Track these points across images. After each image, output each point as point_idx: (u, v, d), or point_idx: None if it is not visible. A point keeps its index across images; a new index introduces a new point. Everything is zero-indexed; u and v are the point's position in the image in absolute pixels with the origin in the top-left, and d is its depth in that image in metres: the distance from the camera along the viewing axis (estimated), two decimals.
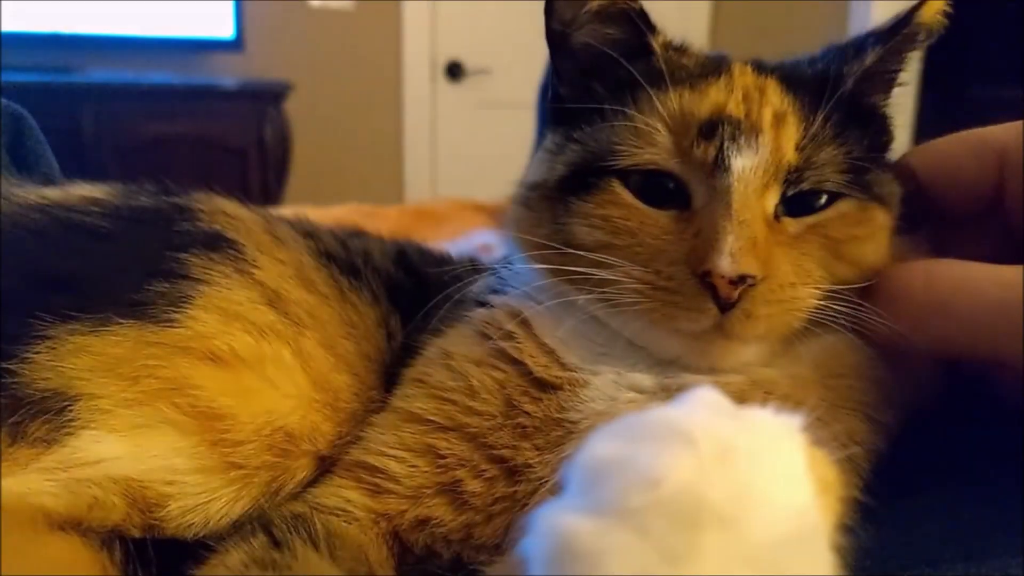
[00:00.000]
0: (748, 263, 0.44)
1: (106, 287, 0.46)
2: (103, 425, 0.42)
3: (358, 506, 0.46)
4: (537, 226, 0.52)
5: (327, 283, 0.55)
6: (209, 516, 0.44)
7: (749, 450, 0.27)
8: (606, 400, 0.47)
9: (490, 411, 0.48)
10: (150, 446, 0.43)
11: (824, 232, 0.48)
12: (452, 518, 0.46)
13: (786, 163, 0.47)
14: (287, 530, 0.43)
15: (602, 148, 0.50)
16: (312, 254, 0.57)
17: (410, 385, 0.51)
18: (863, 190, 0.49)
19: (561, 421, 0.47)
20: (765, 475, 0.27)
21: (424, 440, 0.48)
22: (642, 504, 0.25)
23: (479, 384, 0.49)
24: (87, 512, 0.40)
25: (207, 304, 0.47)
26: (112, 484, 0.41)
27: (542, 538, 0.26)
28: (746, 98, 0.49)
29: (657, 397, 0.47)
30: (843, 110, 0.50)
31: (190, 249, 0.49)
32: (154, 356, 0.44)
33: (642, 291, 0.46)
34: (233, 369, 0.46)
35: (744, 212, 0.45)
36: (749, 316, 0.45)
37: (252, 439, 0.45)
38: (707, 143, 0.47)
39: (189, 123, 2.88)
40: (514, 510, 0.46)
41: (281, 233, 0.57)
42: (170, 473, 0.43)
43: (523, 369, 0.49)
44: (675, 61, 0.52)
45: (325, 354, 0.51)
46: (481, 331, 0.52)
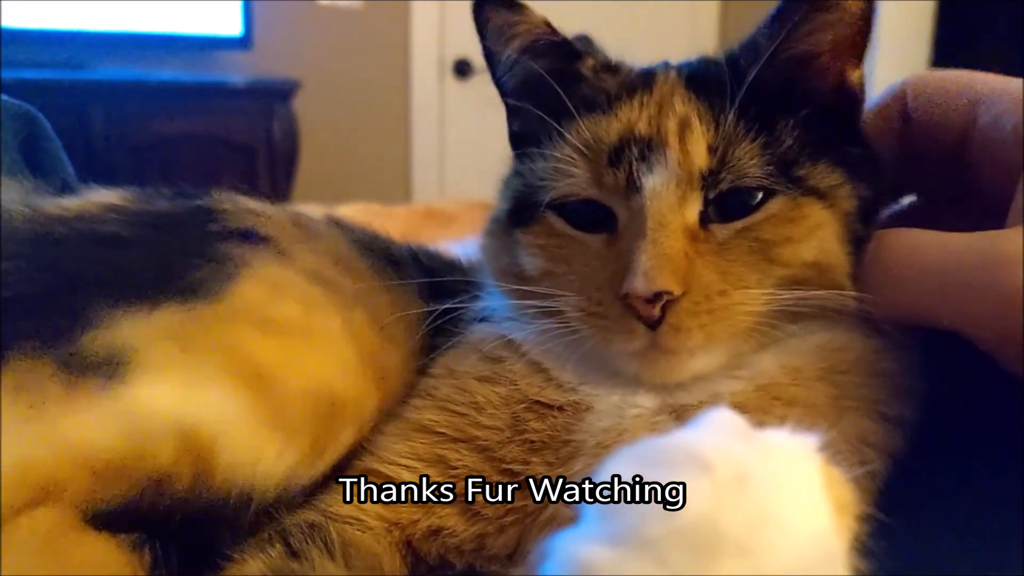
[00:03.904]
0: (663, 280, 0.44)
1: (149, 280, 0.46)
2: (156, 375, 0.43)
3: (371, 515, 0.47)
4: (498, 258, 0.54)
5: (370, 270, 0.56)
6: (255, 470, 0.44)
7: (766, 476, 0.27)
8: (612, 417, 0.47)
9: (497, 425, 0.48)
10: (202, 394, 0.43)
11: (754, 235, 0.47)
12: (464, 528, 0.46)
13: (698, 169, 0.47)
14: (304, 539, 0.44)
15: (535, 182, 0.52)
16: (350, 244, 0.58)
17: (419, 397, 0.51)
18: (794, 184, 0.47)
19: (568, 441, 0.47)
20: (782, 501, 0.27)
21: (434, 451, 0.48)
22: (660, 534, 0.25)
23: (484, 400, 0.49)
24: (140, 458, 0.41)
25: (254, 277, 0.49)
26: (165, 428, 0.41)
27: (560, 567, 0.26)
28: (659, 111, 0.49)
29: (662, 412, 0.47)
30: (764, 101, 0.48)
31: (228, 241, 0.50)
32: (204, 323, 0.45)
33: (581, 318, 0.47)
34: (282, 335, 0.47)
35: (658, 230, 0.45)
36: (678, 329, 0.45)
37: (299, 398, 0.46)
38: (616, 169, 0.48)
39: (197, 120, 2.88)
40: (526, 521, 0.46)
41: (312, 226, 0.58)
42: (221, 422, 0.43)
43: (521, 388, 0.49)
44: (599, 84, 0.52)
45: (373, 333, 0.51)
46: (480, 350, 0.52)
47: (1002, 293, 0.39)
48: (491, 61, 0.55)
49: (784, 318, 0.47)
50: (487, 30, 0.54)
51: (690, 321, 0.45)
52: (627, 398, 0.48)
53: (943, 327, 0.44)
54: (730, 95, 0.47)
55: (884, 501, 0.42)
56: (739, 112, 0.47)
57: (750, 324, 0.46)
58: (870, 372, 0.47)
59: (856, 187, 0.48)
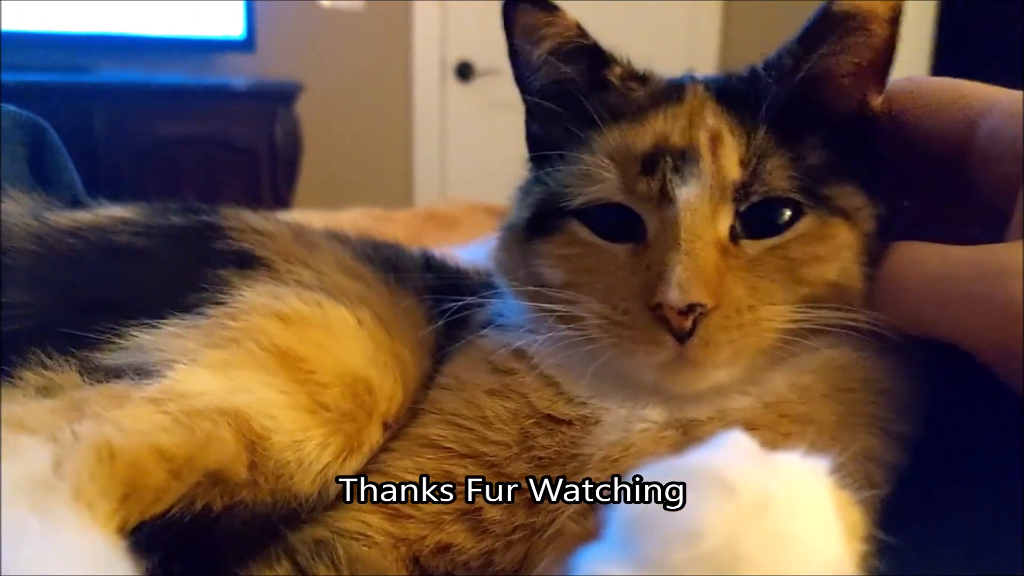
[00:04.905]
0: (697, 292, 0.44)
1: (154, 297, 0.47)
2: (194, 362, 0.43)
3: (377, 530, 0.47)
4: (515, 269, 0.53)
5: (373, 276, 0.56)
6: (303, 456, 0.44)
7: (785, 501, 0.27)
8: (619, 431, 0.47)
9: (506, 441, 0.48)
10: (243, 380, 0.43)
11: (784, 254, 0.47)
12: (472, 545, 0.46)
13: (731, 182, 0.47)
14: (310, 556, 0.44)
15: (559, 189, 0.51)
16: (350, 253, 0.58)
17: (427, 411, 0.51)
18: (822, 203, 0.47)
19: (575, 455, 0.47)
20: (800, 527, 0.27)
21: (441, 466, 0.48)
22: (684, 559, 0.25)
23: (493, 415, 0.49)
24: (202, 448, 0.40)
25: (256, 289, 0.49)
26: (220, 416, 0.41)
27: None
28: (691, 124, 0.49)
29: (670, 427, 0.47)
30: (789, 118, 0.48)
31: (226, 267, 0.50)
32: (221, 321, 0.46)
33: (603, 326, 0.47)
34: (302, 326, 0.47)
35: (692, 241, 0.45)
36: (708, 343, 0.45)
37: (336, 383, 0.46)
38: (649, 178, 0.47)
39: (199, 123, 2.88)
40: (532, 538, 0.46)
41: (313, 239, 0.58)
42: (267, 406, 0.43)
43: (531, 401, 0.49)
44: (627, 94, 0.52)
45: (385, 330, 0.51)
46: (489, 360, 0.52)
47: (1002, 305, 0.39)
48: (516, 60, 0.54)
49: (801, 335, 0.47)
50: (515, 28, 0.53)
51: (720, 336, 0.44)
52: (635, 412, 0.48)
53: (943, 339, 0.44)
54: (763, 110, 0.47)
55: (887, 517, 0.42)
56: (769, 127, 0.47)
57: (774, 341, 0.46)
58: (876, 390, 0.48)
59: (876, 208, 0.48)
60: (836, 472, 0.32)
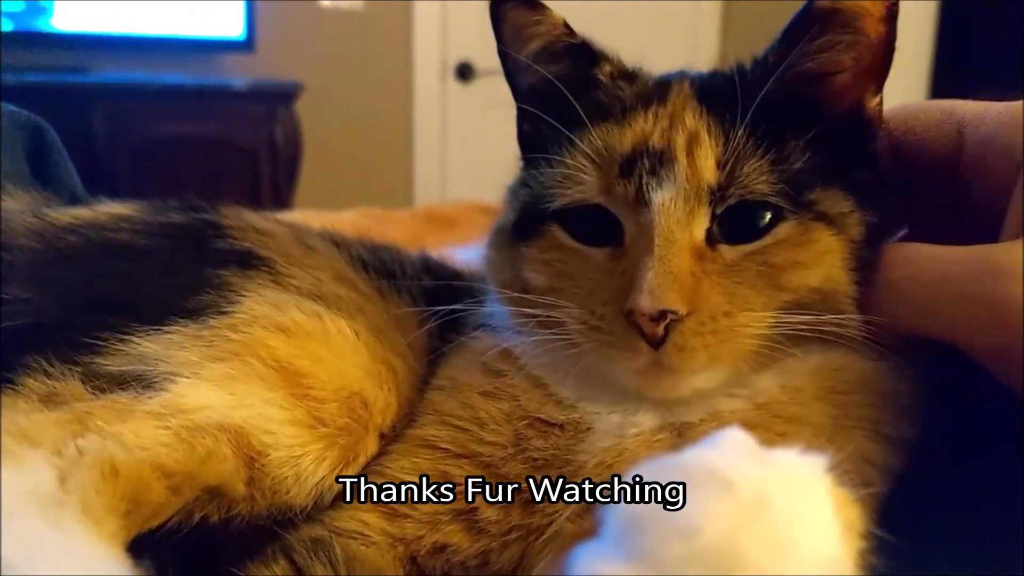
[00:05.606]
0: (669, 298, 0.43)
1: (156, 300, 0.47)
2: (196, 375, 0.43)
3: (375, 529, 0.47)
4: (501, 271, 0.54)
5: (366, 284, 0.56)
6: (300, 471, 0.44)
7: (782, 498, 0.27)
8: (612, 437, 0.47)
9: (501, 442, 0.48)
10: (244, 395, 0.44)
11: (764, 259, 0.46)
12: (468, 545, 0.46)
13: (707, 184, 0.46)
14: (308, 555, 0.44)
15: (542, 191, 0.51)
16: (346, 259, 0.58)
17: (424, 412, 0.51)
18: (804, 208, 0.46)
19: (570, 461, 0.47)
20: (798, 524, 0.27)
21: (438, 467, 0.48)
22: (681, 555, 0.25)
23: (487, 416, 0.49)
24: (202, 464, 0.41)
25: (257, 298, 0.49)
26: (221, 432, 0.42)
27: None
28: (671, 125, 0.49)
29: (663, 431, 0.47)
30: (774, 118, 0.47)
31: (228, 267, 0.50)
32: (222, 332, 0.46)
33: (583, 331, 0.47)
34: (301, 338, 0.48)
35: (666, 247, 0.45)
36: (682, 349, 0.44)
37: (333, 398, 0.47)
38: (627, 180, 0.47)
39: (199, 123, 2.88)
40: (529, 538, 0.46)
41: (312, 242, 0.58)
42: (267, 422, 0.43)
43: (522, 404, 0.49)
44: (615, 92, 0.52)
45: (378, 340, 0.52)
46: (482, 361, 0.52)
47: (997, 303, 0.40)
48: (505, 61, 0.54)
49: (786, 341, 0.46)
50: (503, 29, 0.53)
51: (694, 341, 0.44)
52: (627, 418, 0.48)
53: (939, 339, 0.44)
54: (742, 111, 0.47)
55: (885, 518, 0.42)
56: (749, 128, 0.47)
57: (753, 346, 0.46)
58: (871, 392, 0.47)
59: (865, 214, 0.48)
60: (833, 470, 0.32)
